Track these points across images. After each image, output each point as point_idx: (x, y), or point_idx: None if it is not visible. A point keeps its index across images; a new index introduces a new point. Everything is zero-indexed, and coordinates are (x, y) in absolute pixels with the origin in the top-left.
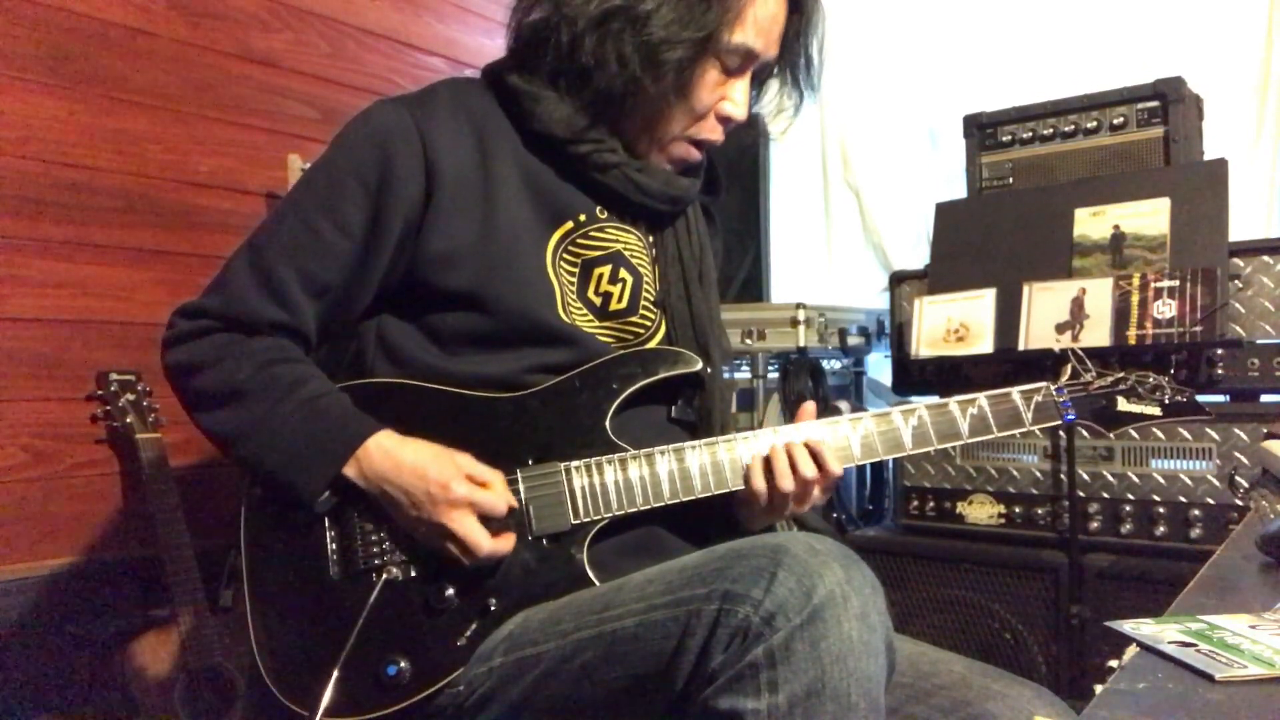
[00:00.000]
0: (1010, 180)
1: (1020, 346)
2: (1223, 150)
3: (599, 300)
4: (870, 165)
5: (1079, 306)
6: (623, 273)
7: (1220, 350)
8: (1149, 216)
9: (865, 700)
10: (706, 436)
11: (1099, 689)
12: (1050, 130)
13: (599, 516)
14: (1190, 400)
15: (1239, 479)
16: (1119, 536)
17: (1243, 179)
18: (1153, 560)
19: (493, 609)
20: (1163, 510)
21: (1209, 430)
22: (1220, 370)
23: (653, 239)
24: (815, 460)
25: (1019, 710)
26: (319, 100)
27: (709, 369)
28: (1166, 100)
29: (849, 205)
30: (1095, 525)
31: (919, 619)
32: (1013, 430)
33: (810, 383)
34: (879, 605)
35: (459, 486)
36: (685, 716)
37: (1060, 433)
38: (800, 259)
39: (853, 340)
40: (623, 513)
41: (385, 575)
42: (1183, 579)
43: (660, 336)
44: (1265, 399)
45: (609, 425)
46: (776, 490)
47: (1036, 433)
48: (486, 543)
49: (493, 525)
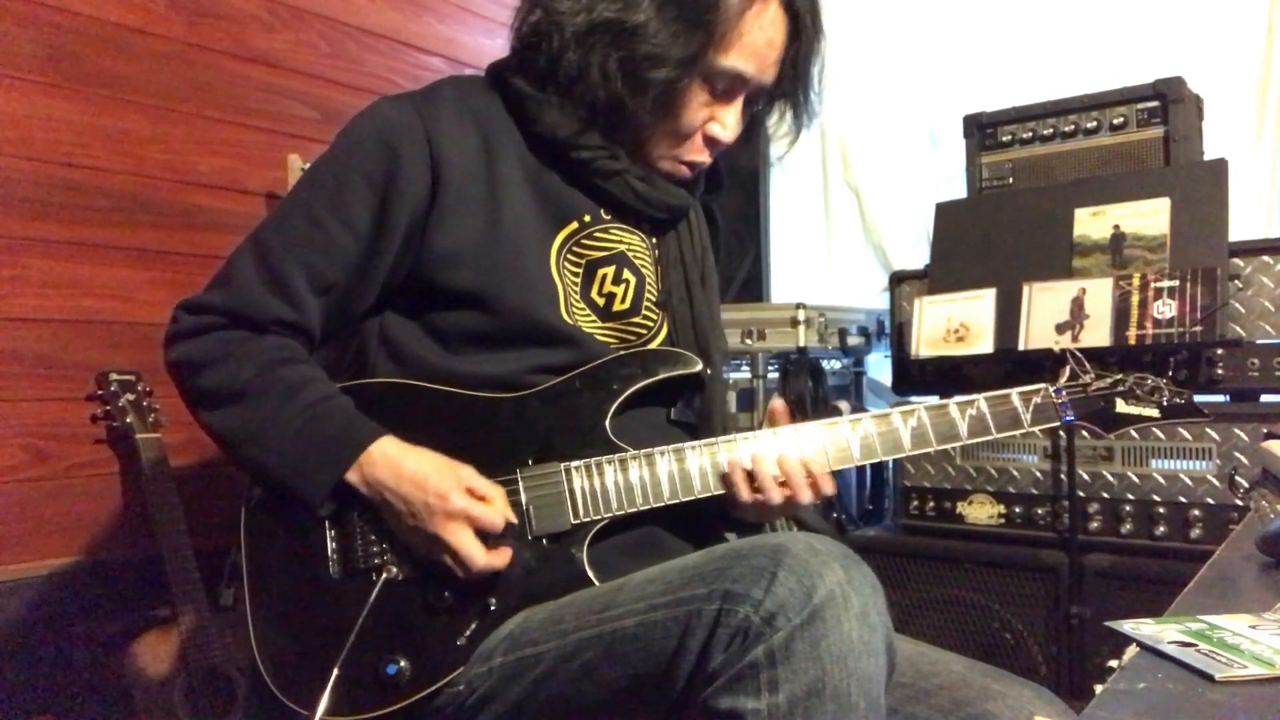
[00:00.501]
0: (1010, 180)
1: (1020, 346)
2: (1223, 150)
3: (602, 301)
4: (870, 165)
5: (1079, 306)
6: (626, 274)
7: (1220, 350)
8: (1149, 216)
9: (865, 700)
10: (706, 437)
11: (1099, 689)
12: (1050, 130)
13: (599, 517)
14: (1188, 402)
15: (1239, 479)
16: (1119, 536)
17: (1243, 179)
18: (1153, 560)
19: (493, 609)
20: (1163, 510)
21: (1209, 430)
22: (1220, 370)
23: (655, 240)
24: (795, 474)
25: (1019, 710)
26: (319, 100)
27: (709, 370)
28: (1166, 100)
29: (849, 205)
30: (1095, 525)
31: (919, 619)
32: (1012, 431)
33: (810, 383)
34: (879, 605)
35: (458, 499)
36: (685, 716)
37: (1060, 433)
38: (800, 259)
39: (853, 340)
40: (622, 513)
41: (385, 575)
42: (1183, 579)
43: (662, 338)
44: (1265, 399)
45: (609, 426)
46: (761, 505)
47: (1036, 433)
48: (481, 558)
49: (490, 538)
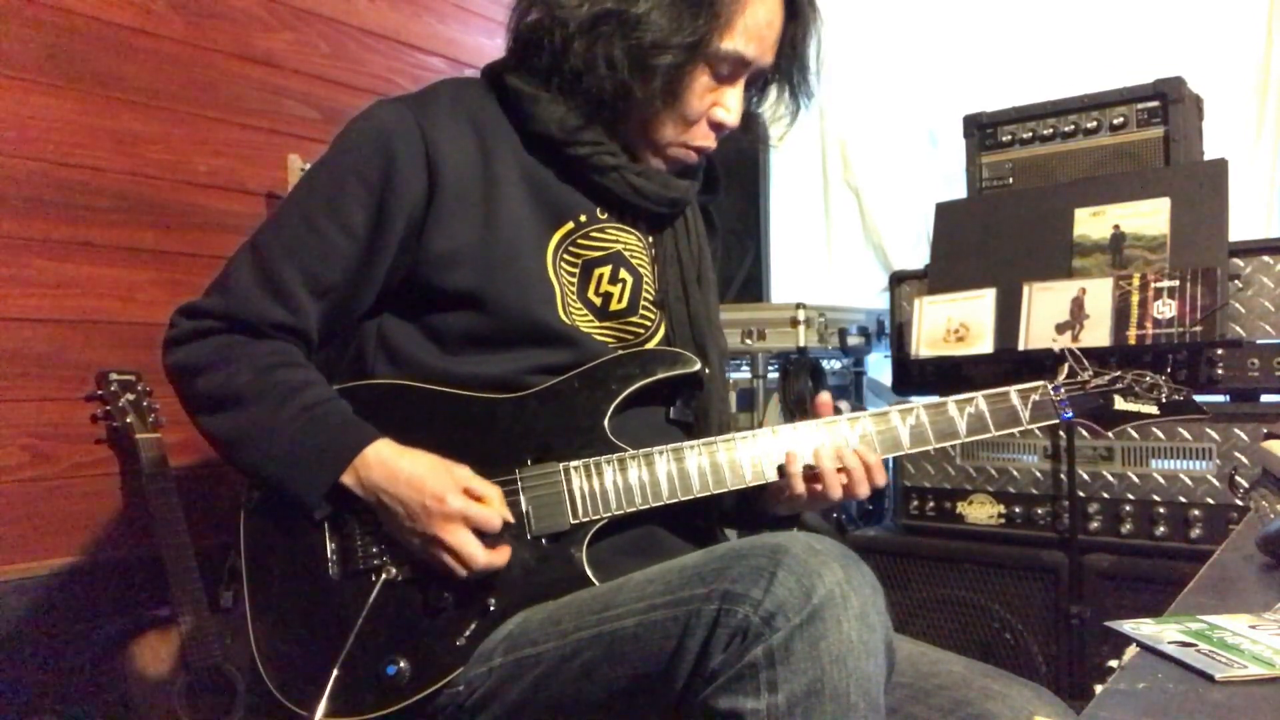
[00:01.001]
0: (1010, 180)
1: (1020, 346)
2: (1223, 150)
3: (599, 300)
4: (870, 165)
5: (1079, 306)
6: (623, 273)
7: (1220, 350)
8: (1149, 216)
9: (865, 700)
10: (704, 437)
11: (1099, 689)
12: (1050, 130)
13: (598, 516)
14: (1187, 399)
15: (1239, 479)
16: (1119, 536)
17: (1243, 179)
18: (1153, 560)
19: (492, 609)
20: (1163, 510)
21: (1209, 430)
22: (1220, 370)
23: (652, 239)
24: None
25: (1019, 710)
26: (319, 100)
27: (707, 369)
28: (1166, 100)
29: (849, 205)
30: (1095, 525)
31: (919, 619)
32: (1010, 429)
33: (810, 383)
34: (879, 605)
35: (454, 500)
36: (685, 716)
37: (1060, 432)
38: (800, 259)
39: (853, 340)
40: (621, 513)
41: (384, 575)
42: (1183, 579)
43: (659, 337)
44: (1265, 399)
45: (608, 425)
46: (821, 494)
47: (1036, 432)
48: (481, 557)
49: (489, 537)
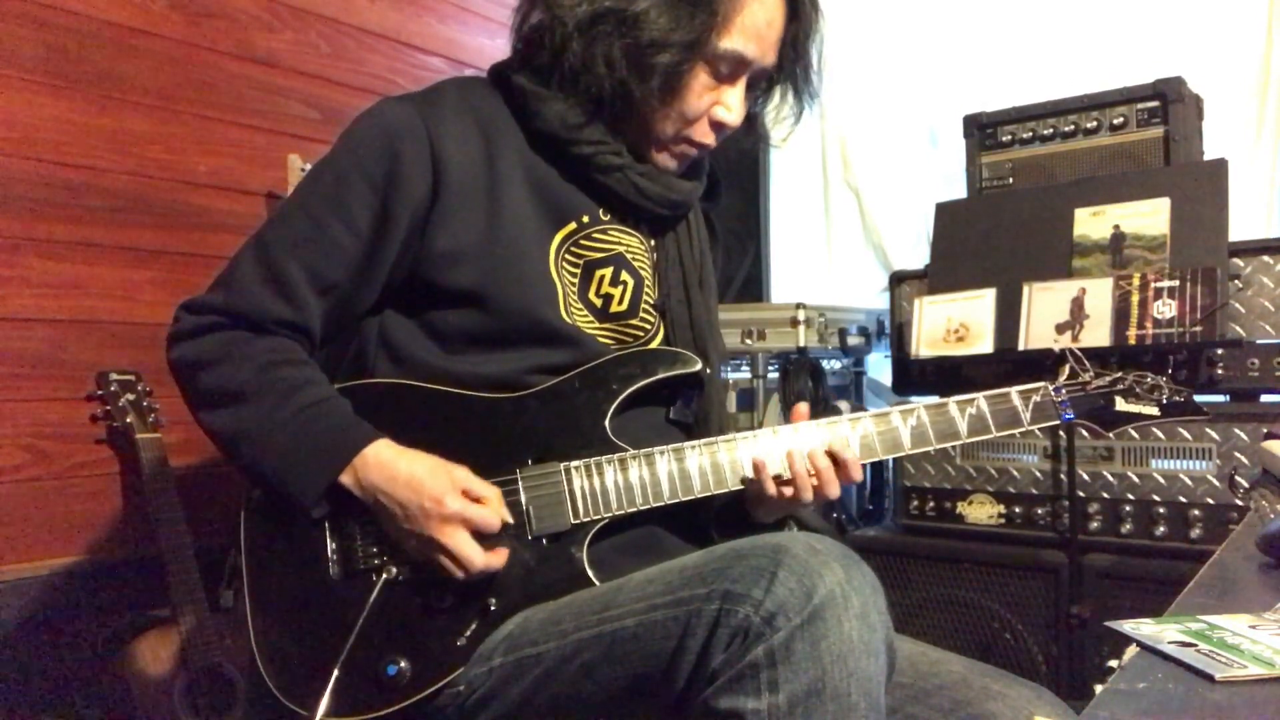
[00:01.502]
0: (1010, 180)
1: (1020, 346)
2: (1223, 150)
3: (600, 302)
4: (870, 165)
5: (1079, 306)
6: (624, 275)
7: (1220, 350)
8: (1149, 216)
9: (865, 700)
10: (704, 437)
11: (1099, 689)
12: (1050, 130)
13: (598, 516)
14: (1188, 400)
15: (1239, 479)
16: (1119, 536)
17: (1243, 179)
18: (1153, 560)
19: (492, 609)
20: (1163, 510)
21: (1209, 430)
22: (1220, 370)
23: (654, 242)
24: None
25: (1019, 710)
26: (319, 100)
27: (708, 370)
28: (1166, 100)
29: (849, 205)
30: (1095, 525)
31: (919, 619)
32: (1011, 430)
33: (810, 383)
34: (879, 605)
35: (453, 502)
36: (686, 716)
37: (1060, 433)
38: (800, 259)
39: (853, 340)
40: (622, 513)
41: (385, 575)
42: (1183, 579)
43: (659, 339)
44: (1265, 399)
45: (608, 425)
46: (790, 498)
47: (1036, 433)
48: (478, 559)
49: (487, 539)
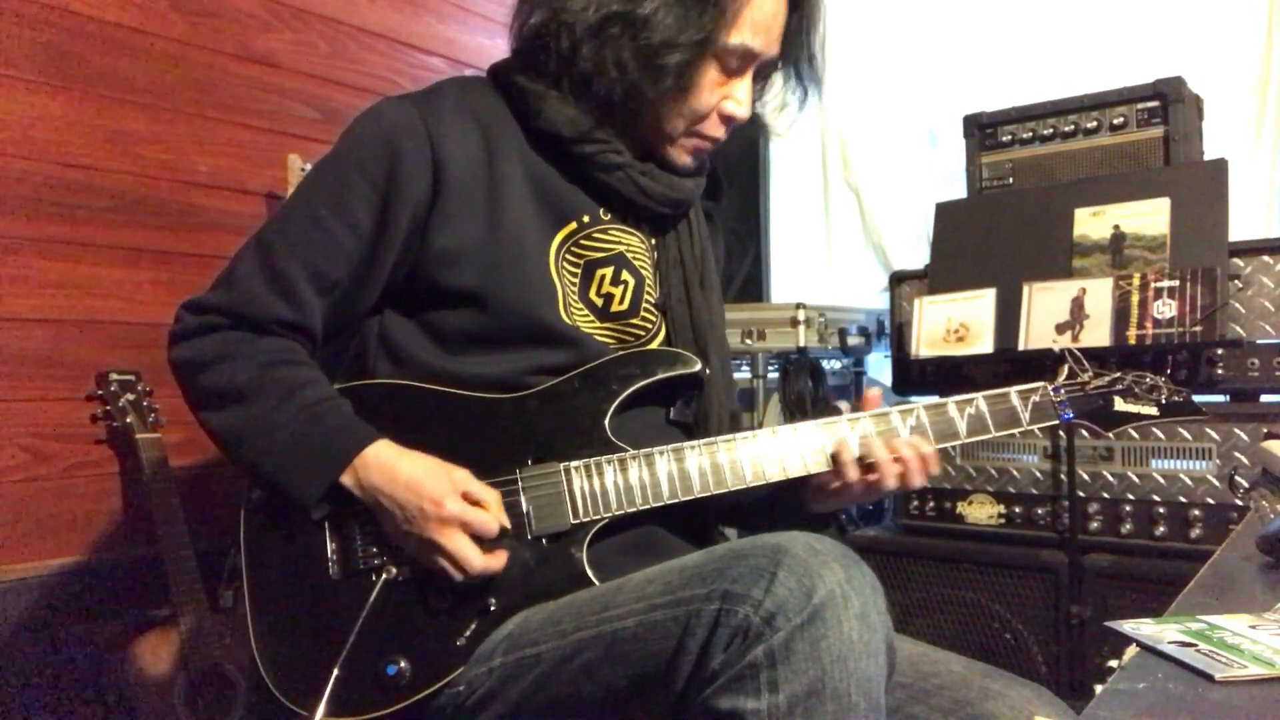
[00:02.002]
0: (1010, 180)
1: (1020, 347)
2: (1223, 150)
3: (600, 301)
4: (870, 165)
5: (1079, 306)
6: (625, 275)
7: (1220, 350)
8: (1149, 216)
9: (865, 700)
10: (704, 438)
11: (1099, 689)
12: (1050, 130)
13: (598, 516)
14: (1187, 400)
15: (1239, 479)
16: (1119, 536)
17: (1243, 179)
18: (1153, 560)
19: (492, 609)
20: (1163, 510)
21: (1209, 430)
22: (1220, 370)
23: (655, 241)
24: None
25: (1019, 710)
26: (319, 100)
27: (707, 370)
28: (1166, 100)
29: (849, 205)
30: (1095, 525)
31: (919, 619)
32: (1010, 430)
33: (810, 383)
34: (879, 605)
35: (452, 504)
36: (685, 716)
37: (1060, 433)
38: (800, 259)
39: (853, 340)
40: (622, 513)
41: (385, 575)
42: (1183, 579)
43: (660, 339)
44: (1265, 399)
45: (608, 425)
46: (872, 484)
47: (1036, 432)
48: (477, 561)
49: (487, 541)
